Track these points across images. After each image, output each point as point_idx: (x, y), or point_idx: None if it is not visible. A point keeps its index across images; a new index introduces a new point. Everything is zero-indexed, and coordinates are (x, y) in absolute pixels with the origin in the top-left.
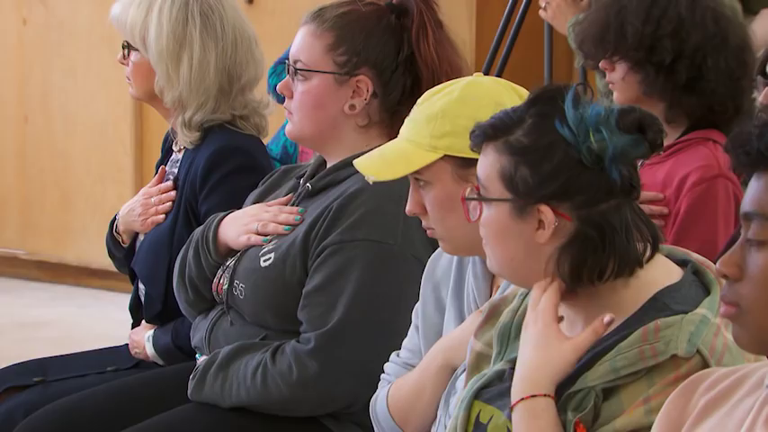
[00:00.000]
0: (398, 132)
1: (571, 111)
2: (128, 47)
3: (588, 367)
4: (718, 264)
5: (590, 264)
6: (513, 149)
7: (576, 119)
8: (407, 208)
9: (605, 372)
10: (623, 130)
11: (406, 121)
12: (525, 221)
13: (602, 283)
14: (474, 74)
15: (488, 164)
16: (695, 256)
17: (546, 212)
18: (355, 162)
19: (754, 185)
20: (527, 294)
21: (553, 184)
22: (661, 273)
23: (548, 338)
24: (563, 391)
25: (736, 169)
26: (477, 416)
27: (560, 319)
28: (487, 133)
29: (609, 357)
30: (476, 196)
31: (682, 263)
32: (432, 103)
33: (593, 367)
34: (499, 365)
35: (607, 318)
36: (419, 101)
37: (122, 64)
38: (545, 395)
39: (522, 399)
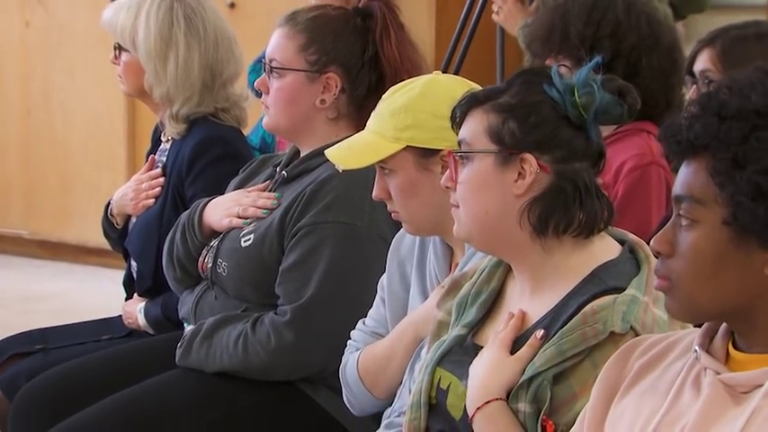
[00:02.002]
0: (365, 124)
1: (558, 77)
2: (119, 48)
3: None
4: (652, 242)
5: (558, 215)
6: (501, 108)
7: (563, 82)
8: (374, 194)
9: (553, 355)
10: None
11: (372, 115)
12: (506, 172)
13: (566, 235)
14: (434, 72)
15: (475, 124)
16: (631, 236)
17: (530, 160)
18: (327, 152)
19: (683, 171)
20: (484, 270)
21: (538, 133)
22: (603, 247)
23: (496, 357)
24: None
25: (668, 157)
26: (439, 381)
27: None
28: (478, 97)
29: (554, 342)
30: (462, 152)
31: (620, 241)
32: (395, 98)
33: (540, 353)
34: (456, 330)
35: (540, 333)
36: (384, 96)
37: (114, 63)
38: (497, 399)
39: (478, 408)
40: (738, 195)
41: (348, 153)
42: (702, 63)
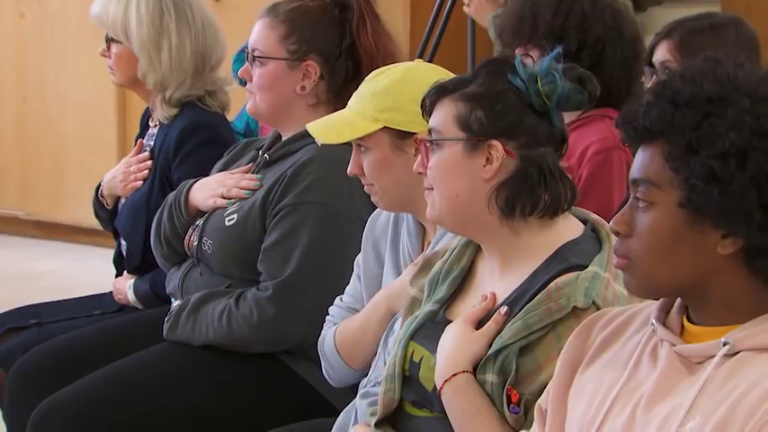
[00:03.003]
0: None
1: (521, 67)
2: (110, 40)
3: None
4: (611, 222)
5: (524, 198)
6: (469, 97)
7: (526, 72)
8: (349, 169)
9: (519, 329)
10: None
11: (353, 95)
12: (475, 158)
13: (532, 216)
14: (415, 60)
15: (444, 112)
16: (593, 216)
17: (497, 147)
18: (308, 126)
19: (640, 155)
20: (455, 249)
21: (504, 121)
22: (567, 227)
23: (462, 332)
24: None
25: (626, 142)
26: (412, 354)
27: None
28: (446, 87)
29: (520, 316)
30: (432, 139)
31: (583, 221)
32: (377, 81)
33: (507, 327)
34: (429, 306)
35: (504, 310)
36: (366, 78)
37: (105, 56)
38: (464, 372)
39: (446, 381)
40: (692, 179)
41: (328, 128)
42: (662, 54)
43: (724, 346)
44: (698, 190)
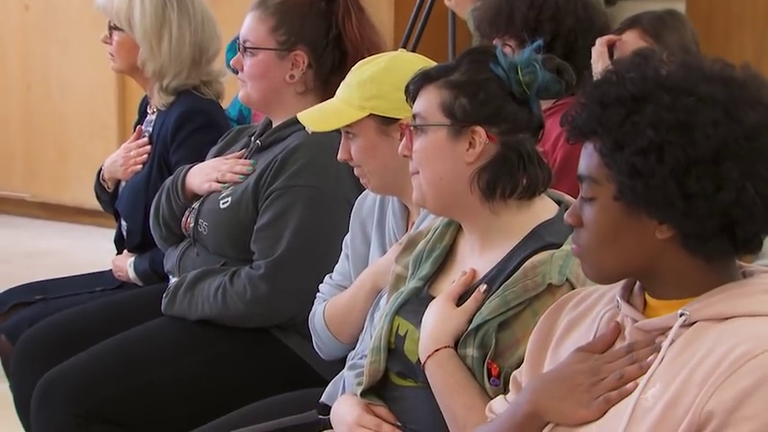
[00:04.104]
0: (330, 98)
1: (502, 57)
2: (113, 28)
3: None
4: (565, 216)
5: (504, 181)
6: (453, 84)
7: (507, 61)
8: (339, 155)
9: (498, 305)
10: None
11: (341, 84)
12: (458, 143)
13: (511, 198)
14: (399, 50)
15: (429, 99)
16: (567, 197)
17: (480, 132)
18: (299, 115)
19: (583, 153)
20: (437, 229)
21: (487, 108)
22: (543, 207)
23: (443, 309)
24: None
25: (569, 139)
26: (397, 328)
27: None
28: (430, 74)
29: (499, 294)
30: (418, 124)
31: (558, 202)
32: (362, 71)
33: (487, 304)
34: (413, 283)
35: (483, 287)
36: (352, 69)
37: (106, 43)
38: (446, 347)
39: (429, 356)
40: (620, 175)
41: (318, 117)
42: (634, 42)
43: (681, 317)
44: (625, 185)
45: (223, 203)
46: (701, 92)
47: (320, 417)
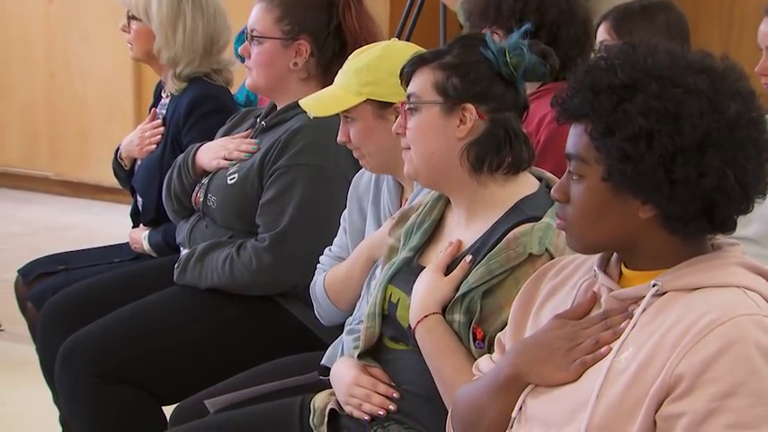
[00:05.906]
0: (331, 83)
1: (491, 42)
2: (131, 18)
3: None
4: (551, 191)
5: (492, 156)
6: (446, 66)
7: (496, 46)
8: (338, 138)
9: (483, 274)
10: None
11: (339, 72)
12: (450, 119)
13: (498, 172)
14: (392, 39)
15: (423, 79)
16: (548, 175)
17: (470, 109)
18: (301, 102)
19: (572, 132)
20: (428, 203)
21: (477, 87)
22: (525, 183)
23: (432, 278)
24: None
25: (558, 120)
26: (390, 296)
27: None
28: (425, 57)
29: (483, 263)
30: (412, 102)
31: (539, 178)
32: (359, 59)
33: (472, 272)
34: (404, 253)
35: (468, 258)
36: (349, 57)
37: (125, 31)
38: (434, 313)
39: (419, 322)
40: (610, 159)
41: (318, 103)
42: (601, 35)
43: (653, 287)
44: (615, 168)
45: (230, 179)
46: (687, 83)
47: (321, 377)
